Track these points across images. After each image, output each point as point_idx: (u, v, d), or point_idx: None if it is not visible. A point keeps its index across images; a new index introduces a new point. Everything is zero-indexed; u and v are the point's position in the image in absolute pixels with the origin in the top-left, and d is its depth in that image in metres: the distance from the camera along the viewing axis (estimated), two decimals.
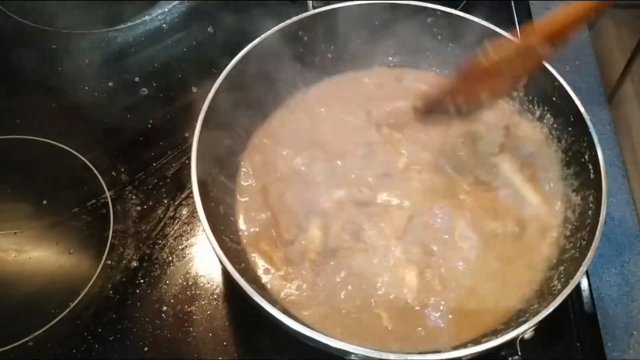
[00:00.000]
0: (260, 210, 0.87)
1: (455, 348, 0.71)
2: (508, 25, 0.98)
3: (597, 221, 0.75)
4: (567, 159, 0.89)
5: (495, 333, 0.72)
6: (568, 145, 0.89)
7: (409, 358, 0.65)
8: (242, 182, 0.90)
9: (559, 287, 0.75)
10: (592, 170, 0.82)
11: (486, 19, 0.93)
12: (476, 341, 0.71)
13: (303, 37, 0.96)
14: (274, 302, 0.71)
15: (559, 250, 0.83)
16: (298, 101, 0.99)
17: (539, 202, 0.88)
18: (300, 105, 0.99)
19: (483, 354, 0.66)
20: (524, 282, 0.81)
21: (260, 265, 0.82)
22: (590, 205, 0.80)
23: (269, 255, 0.83)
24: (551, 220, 0.86)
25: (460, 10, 0.95)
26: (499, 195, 0.88)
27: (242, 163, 0.92)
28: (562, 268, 0.79)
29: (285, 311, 0.71)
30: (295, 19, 0.92)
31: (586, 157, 0.83)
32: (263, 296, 0.69)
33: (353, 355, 0.65)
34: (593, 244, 0.73)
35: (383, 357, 0.64)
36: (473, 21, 0.93)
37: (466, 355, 0.66)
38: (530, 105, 0.96)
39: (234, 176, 0.90)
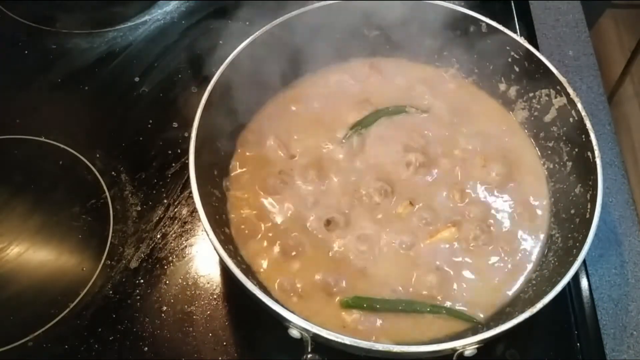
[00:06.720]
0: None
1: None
2: (508, 24, 0.97)
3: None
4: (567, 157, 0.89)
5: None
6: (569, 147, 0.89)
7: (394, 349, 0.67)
8: (239, 180, 0.90)
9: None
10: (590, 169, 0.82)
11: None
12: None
13: (297, 32, 0.95)
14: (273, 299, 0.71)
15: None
16: (292, 95, 0.99)
17: None
18: (295, 99, 0.99)
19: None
20: None
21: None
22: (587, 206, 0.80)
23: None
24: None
25: None
26: None
27: (237, 161, 0.92)
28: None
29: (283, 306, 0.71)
30: (286, 16, 0.92)
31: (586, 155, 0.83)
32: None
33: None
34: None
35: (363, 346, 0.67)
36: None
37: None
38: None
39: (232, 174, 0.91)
